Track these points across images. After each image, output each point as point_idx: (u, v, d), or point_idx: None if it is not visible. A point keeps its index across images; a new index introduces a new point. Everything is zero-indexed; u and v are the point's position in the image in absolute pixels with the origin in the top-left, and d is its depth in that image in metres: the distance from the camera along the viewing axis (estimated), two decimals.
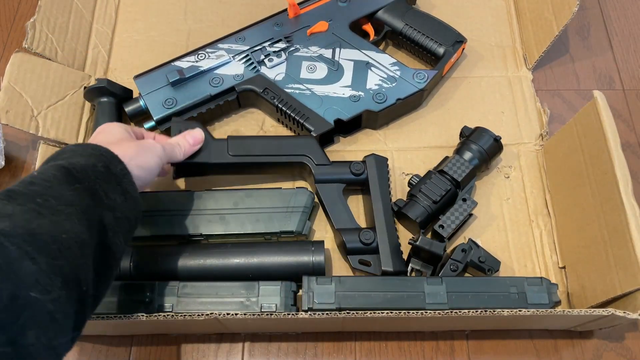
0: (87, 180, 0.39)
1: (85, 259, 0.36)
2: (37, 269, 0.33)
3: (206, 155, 0.55)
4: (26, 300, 0.31)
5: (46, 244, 0.34)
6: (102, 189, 0.40)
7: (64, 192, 0.37)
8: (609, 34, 0.72)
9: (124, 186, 0.41)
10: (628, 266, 0.44)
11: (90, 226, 0.38)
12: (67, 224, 0.36)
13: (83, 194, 0.38)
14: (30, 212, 0.35)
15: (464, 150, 0.57)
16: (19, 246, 0.33)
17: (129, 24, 0.71)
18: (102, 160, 0.41)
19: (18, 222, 0.34)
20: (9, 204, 0.35)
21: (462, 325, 0.53)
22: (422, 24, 0.64)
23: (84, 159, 0.40)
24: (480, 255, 0.52)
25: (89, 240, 0.37)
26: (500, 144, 0.58)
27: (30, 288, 0.32)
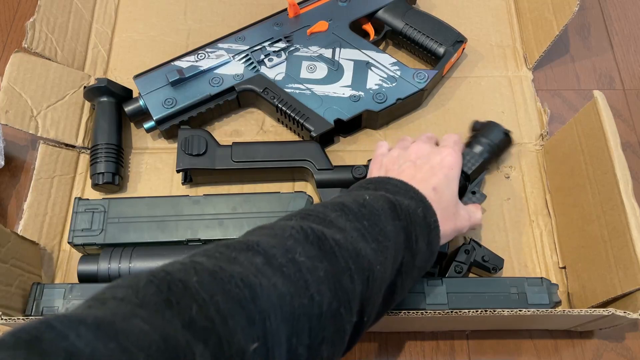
0: (406, 220, 0.39)
1: (379, 294, 0.37)
2: (352, 289, 0.34)
3: (210, 162, 0.56)
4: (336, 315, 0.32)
5: (364, 269, 0.35)
6: (415, 234, 0.40)
7: (387, 224, 0.38)
8: (610, 34, 0.72)
9: (431, 238, 0.41)
10: (628, 266, 0.44)
11: (394, 264, 0.38)
12: (381, 256, 0.37)
13: (400, 232, 0.39)
14: (357, 232, 0.36)
15: (475, 144, 0.56)
16: (346, 262, 0.34)
17: (129, 24, 0.71)
18: (421, 206, 0.41)
19: (348, 239, 0.35)
20: (342, 218, 0.37)
21: (463, 326, 0.53)
22: (422, 23, 0.64)
23: (407, 199, 0.41)
24: (484, 255, 0.52)
25: (388, 276, 0.38)
26: (510, 137, 0.57)
27: (342, 305, 0.33)
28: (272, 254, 0.31)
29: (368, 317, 0.36)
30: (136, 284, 0.26)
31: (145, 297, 0.25)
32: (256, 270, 0.30)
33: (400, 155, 0.48)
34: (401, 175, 0.45)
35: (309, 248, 0.33)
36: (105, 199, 0.55)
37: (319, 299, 0.31)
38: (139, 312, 0.24)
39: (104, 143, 0.58)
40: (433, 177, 0.44)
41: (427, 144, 0.49)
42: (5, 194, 0.62)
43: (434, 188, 0.43)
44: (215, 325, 0.25)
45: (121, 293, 0.25)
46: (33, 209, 0.56)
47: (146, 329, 0.23)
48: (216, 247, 0.32)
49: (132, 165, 0.62)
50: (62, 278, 0.56)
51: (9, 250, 0.49)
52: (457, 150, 0.47)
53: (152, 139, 0.63)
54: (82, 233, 0.53)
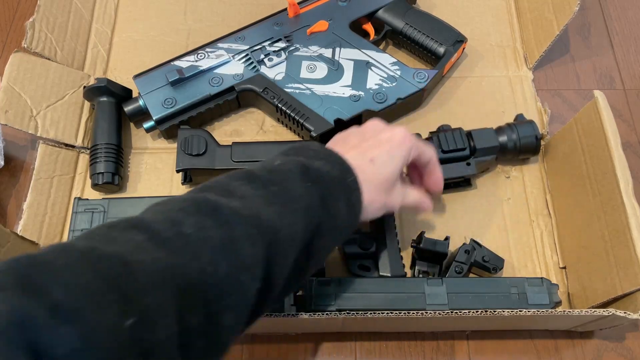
0: (319, 182, 0.39)
1: (289, 257, 0.36)
2: (254, 254, 0.33)
3: (210, 162, 0.56)
4: (237, 282, 0.32)
5: (266, 233, 0.34)
6: (332, 195, 0.39)
7: (296, 188, 0.38)
8: (610, 34, 0.72)
9: (352, 199, 0.41)
10: (629, 266, 0.44)
11: (307, 225, 0.37)
12: (289, 218, 0.36)
13: (312, 194, 0.38)
14: (262, 198, 0.36)
15: (501, 131, 0.57)
16: (245, 227, 0.33)
17: (129, 24, 0.71)
18: (338, 168, 0.41)
19: (248, 205, 0.34)
20: (246, 186, 0.36)
21: (463, 326, 0.53)
22: (422, 23, 0.64)
23: (322, 162, 0.40)
24: (484, 255, 0.52)
25: (300, 239, 0.37)
26: (538, 143, 0.57)
27: (243, 271, 0.32)
28: (156, 229, 0.31)
29: (276, 280, 0.35)
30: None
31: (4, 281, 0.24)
32: (135, 247, 0.29)
33: (354, 130, 0.47)
34: (345, 143, 0.44)
35: (201, 219, 0.32)
36: (105, 199, 0.55)
37: (211, 268, 0.31)
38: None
39: (103, 143, 0.58)
40: (375, 149, 0.43)
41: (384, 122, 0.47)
42: (4, 194, 0.62)
43: (371, 159, 0.43)
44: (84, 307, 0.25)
45: None
46: (33, 209, 0.56)
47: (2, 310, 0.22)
48: (100, 227, 0.31)
49: (132, 165, 0.62)
50: None
51: (8, 251, 0.49)
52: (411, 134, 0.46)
53: (152, 139, 0.63)
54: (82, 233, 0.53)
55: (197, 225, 0.32)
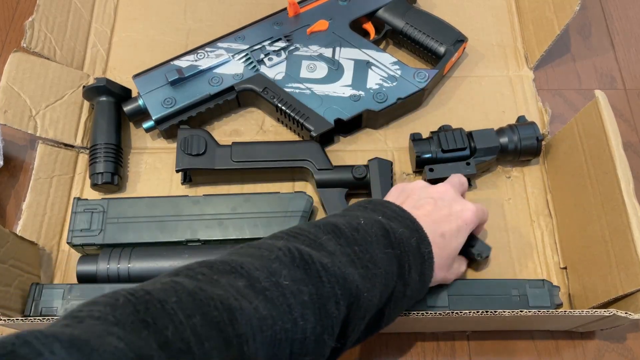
0: (400, 249, 0.39)
1: (362, 321, 0.36)
2: (337, 315, 0.33)
3: (210, 162, 0.56)
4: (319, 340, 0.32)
5: (350, 295, 0.34)
6: (408, 264, 0.39)
7: (379, 251, 0.38)
8: (611, 34, 0.71)
9: (424, 269, 0.41)
10: (630, 266, 0.44)
11: (383, 291, 0.38)
12: (369, 282, 0.36)
13: (392, 261, 0.39)
14: (347, 257, 0.36)
15: (502, 132, 0.57)
16: (332, 287, 0.33)
17: (128, 23, 0.71)
18: (416, 236, 0.41)
19: (336, 262, 0.35)
20: (333, 241, 0.37)
21: (463, 326, 0.53)
22: (422, 23, 0.64)
23: (401, 227, 0.40)
24: (471, 241, 0.50)
25: (376, 304, 0.37)
26: (539, 145, 0.56)
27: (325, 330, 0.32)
28: (255, 276, 0.31)
29: (347, 342, 0.36)
30: (114, 302, 0.26)
31: (122, 316, 0.25)
32: (237, 293, 0.30)
33: (424, 188, 0.47)
34: (418, 208, 0.44)
35: (294, 271, 0.33)
36: (104, 199, 0.55)
37: (302, 323, 0.31)
38: (114, 330, 0.24)
39: (103, 143, 0.58)
40: (447, 223, 0.44)
41: (455, 189, 0.48)
42: (4, 194, 0.62)
43: (442, 234, 0.43)
44: (191, 347, 0.26)
45: (98, 312, 0.25)
46: (32, 209, 0.56)
47: (121, 346, 0.23)
48: (200, 266, 0.32)
49: (132, 165, 0.61)
50: (61, 278, 0.55)
51: (7, 251, 0.49)
52: (478, 210, 0.46)
53: (152, 139, 0.63)
54: (81, 233, 0.53)
55: (291, 277, 0.32)
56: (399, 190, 0.48)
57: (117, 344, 0.23)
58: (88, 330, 0.24)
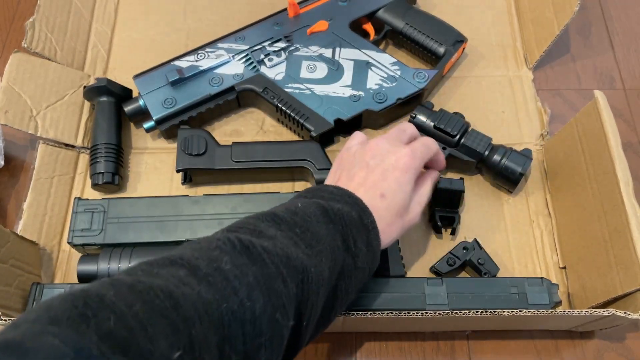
0: (340, 223, 0.40)
1: (317, 296, 0.37)
2: (286, 293, 0.34)
3: (210, 162, 0.56)
4: (272, 320, 0.32)
5: (297, 272, 0.35)
6: (352, 236, 0.40)
7: (320, 229, 0.38)
8: (610, 34, 0.71)
9: (370, 238, 0.41)
10: (629, 266, 0.44)
11: (332, 267, 0.38)
12: (315, 259, 0.37)
13: (335, 236, 0.39)
14: (289, 239, 0.37)
15: (496, 148, 0.56)
16: (277, 266, 0.34)
17: (129, 23, 0.71)
18: (355, 208, 0.41)
19: (278, 244, 0.35)
20: (273, 227, 0.37)
21: (463, 326, 0.53)
22: (422, 23, 0.64)
23: (340, 204, 0.41)
24: (480, 257, 0.52)
25: (327, 280, 0.38)
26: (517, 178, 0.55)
27: (277, 309, 0.33)
28: (195, 264, 0.32)
29: (307, 320, 0.36)
30: (50, 303, 0.26)
31: (57, 314, 0.25)
32: (178, 281, 0.30)
33: (357, 153, 0.46)
34: (352, 179, 0.45)
35: (236, 257, 0.33)
36: (104, 199, 0.55)
37: (250, 304, 0.31)
38: (49, 329, 0.24)
39: (103, 143, 0.58)
40: (383, 181, 0.43)
41: (386, 140, 0.46)
42: (4, 193, 0.62)
43: (381, 194, 0.43)
44: (135, 335, 0.25)
45: (33, 315, 0.25)
46: (32, 209, 0.56)
47: (56, 343, 0.23)
48: (139, 265, 0.32)
49: (132, 165, 0.61)
50: (62, 278, 0.56)
51: (8, 251, 0.49)
52: (415, 150, 0.45)
53: (152, 139, 0.63)
54: (82, 233, 0.53)
55: (233, 262, 0.32)
56: (336, 165, 0.48)
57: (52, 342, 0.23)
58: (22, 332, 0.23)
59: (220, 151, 0.57)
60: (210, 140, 0.57)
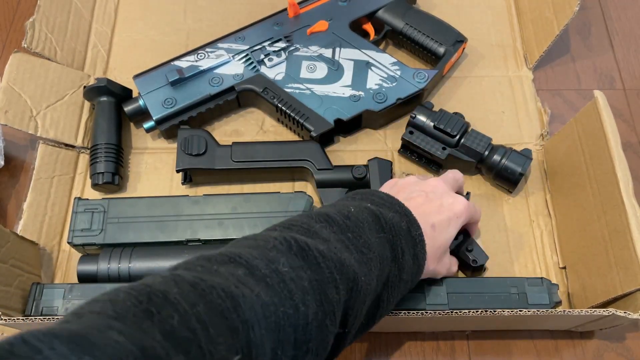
0: (391, 233, 0.40)
1: (363, 305, 0.36)
2: (337, 300, 0.33)
3: (210, 162, 0.56)
4: (322, 326, 0.32)
5: (348, 279, 0.34)
6: (401, 247, 0.40)
7: (371, 236, 0.38)
8: (610, 34, 0.71)
9: (416, 251, 0.41)
10: (629, 266, 0.44)
11: (379, 276, 0.38)
12: (365, 268, 0.36)
13: (385, 245, 0.39)
14: (342, 244, 0.36)
15: (496, 148, 0.56)
16: (331, 271, 0.33)
17: (129, 24, 0.71)
18: (405, 220, 0.41)
19: (332, 249, 0.35)
20: (326, 229, 0.37)
21: (463, 326, 0.53)
22: (422, 23, 0.64)
23: (391, 212, 0.41)
24: (469, 245, 0.51)
25: (373, 288, 0.37)
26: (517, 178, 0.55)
27: (327, 316, 0.32)
28: (254, 264, 0.31)
29: (350, 328, 0.36)
30: (115, 296, 0.26)
31: (123, 309, 0.25)
32: (238, 281, 0.30)
33: (416, 183, 0.47)
34: (409, 200, 0.44)
35: (292, 258, 0.33)
36: (105, 199, 0.55)
37: (304, 309, 0.31)
38: (114, 324, 0.24)
39: (103, 143, 0.58)
40: (437, 214, 0.44)
41: (447, 184, 0.48)
42: (4, 193, 0.62)
43: (433, 225, 0.43)
44: (197, 336, 0.25)
45: (98, 307, 0.25)
46: (32, 209, 0.56)
47: (122, 340, 0.23)
48: (197, 259, 0.32)
49: (132, 165, 0.62)
50: (62, 278, 0.56)
51: (8, 251, 0.49)
52: (470, 206, 0.47)
53: (152, 139, 0.63)
54: (82, 233, 0.53)
55: (289, 264, 0.32)
56: (391, 184, 0.49)
57: (117, 338, 0.23)
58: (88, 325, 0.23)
59: (220, 151, 0.57)
60: (210, 140, 0.57)
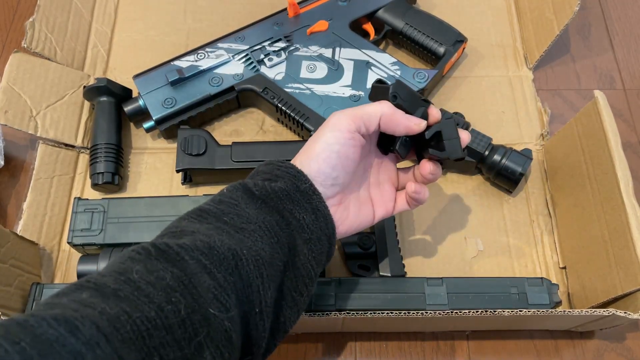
0: (270, 199, 0.37)
1: (262, 278, 0.34)
2: (215, 284, 0.32)
3: (210, 162, 0.56)
4: (204, 316, 0.30)
5: (225, 259, 0.33)
6: (288, 209, 0.37)
7: (248, 210, 0.36)
8: (610, 34, 0.71)
9: (314, 204, 0.38)
10: (629, 266, 0.44)
11: (275, 244, 0.36)
12: (248, 240, 0.35)
13: (267, 213, 0.37)
14: (215, 230, 0.35)
15: (496, 148, 0.56)
16: (198, 260, 0.32)
17: (129, 23, 0.71)
18: (287, 177, 0.39)
19: (198, 237, 0.33)
20: (196, 223, 0.35)
21: (463, 326, 0.53)
22: (422, 23, 0.64)
23: (267, 180, 0.39)
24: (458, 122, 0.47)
25: (269, 258, 0.35)
26: (517, 178, 0.55)
27: (208, 304, 0.31)
28: (101, 283, 0.30)
29: (261, 305, 0.34)
30: None
31: None
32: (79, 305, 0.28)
33: None
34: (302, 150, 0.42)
35: (151, 263, 0.31)
36: (104, 199, 0.55)
37: (170, 307, 0.29)
38: None
39: (103, 143, 0.58)
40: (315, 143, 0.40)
41: None
42: (4, 194, 0.62)
43: None
44: None
45: None
46: (32, 209, 0.56)
47: None
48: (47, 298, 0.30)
49: (132, 165, 0.61)
50: (62, 278, 0.56)
51: (8, 251, 0.49)
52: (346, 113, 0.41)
53: (152, 139, 0.63)
54: (82, 233, 0.53)
55: (146, 269, 0.30)
56: None
57: None
58: None
59: (220, 151, 0.57)
60: (210, 140, 0.57)
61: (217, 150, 0.57)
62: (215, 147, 0.57)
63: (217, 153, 0.57)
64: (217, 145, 0.57)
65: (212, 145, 0.57)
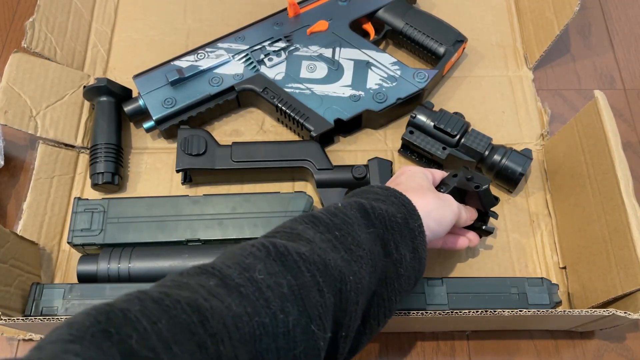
0: (382, 227, 0.38)
1: (356, 305, 0.35)
2: (322, 303, 0.32)
3: (210, 162, 0.56)
4: (306, 332, 0.31)
5: (334, 281, 0.33)
6: (394, 241, 0.38)
7: (360, 232, 0.37)
8: (610, 34, 0.71)
9: (416, 244, 0.40)
10: (629, 266, 0.44)
11: (372, 273, 0.37)
12: (355, 265, 0.35)
13: (376, 240, 0.38)
14: (327, 243, 0.35)
15: (496, 148, 0.56)
16: (313, 274, 0.32)
17: (129, 23, 0.71)
18: (402, 211, 0.40)
19: (316, 251, 0.34)
20: (311, 230, 0.36)
21: (463, 326, 0.53)
22: (422, 23, 0.64)
23: (385, 204, 0.40)
24: (468, 175, 0.49)
25: (366, 287, 0.36)
26: (517, 178, 0.55)
27: (312, 321, 0.31)
28: (227, 274, 0.30)
29: (346, 330, 0.35)
30: (74, 319, 0.25)
31: (80, 331, 0.24)
32: (208, 293, 0.29)
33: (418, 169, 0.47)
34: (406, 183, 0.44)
35: (270, 264, 0.32)
36: (104, 199, 0.55)
37: (283, 317, 0.30)
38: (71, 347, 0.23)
39: (103, 143, 0.58)
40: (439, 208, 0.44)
41: None
42: (4, 193, 0.62)
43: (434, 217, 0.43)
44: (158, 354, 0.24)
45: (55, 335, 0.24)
46: (32, 209, 0.56)
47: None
48: (171, 275, 0.31)
49: (132, 165, 0.61)
50: (62, 278, 0.56)
51: (8, 251, 0.49)
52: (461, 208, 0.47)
53: (152, 139, 0.63)
54: (82, 233, 0.53)
55: (267, 271, 0.31)
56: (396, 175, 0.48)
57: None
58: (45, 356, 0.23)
59: (220, 151, 0.57)
60: (210, 140, 0.57)
61: (217, 150, 0.57)
62: (215, 147, 0.57)
63: (217, 153, 0.57)
64: (217, 145, 0.57)
65: (212, 145, 0.57)
